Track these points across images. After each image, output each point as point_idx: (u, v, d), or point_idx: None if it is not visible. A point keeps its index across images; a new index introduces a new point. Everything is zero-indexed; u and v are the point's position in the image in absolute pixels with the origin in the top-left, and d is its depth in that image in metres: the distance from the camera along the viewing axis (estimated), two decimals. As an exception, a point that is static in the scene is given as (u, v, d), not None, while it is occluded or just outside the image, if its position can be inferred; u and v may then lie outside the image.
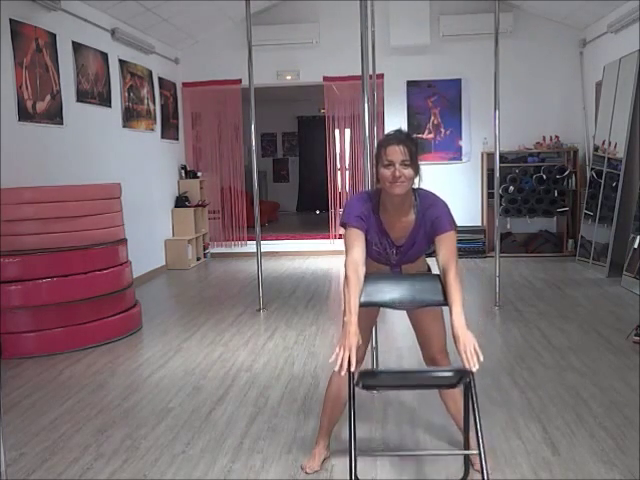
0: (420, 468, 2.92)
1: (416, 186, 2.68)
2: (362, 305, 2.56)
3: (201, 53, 9.34)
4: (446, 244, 2.58)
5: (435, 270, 2.74)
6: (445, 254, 2.56)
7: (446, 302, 2.54)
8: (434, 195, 2.71)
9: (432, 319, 2.82)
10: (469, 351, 2.40)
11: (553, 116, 8.95)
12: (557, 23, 8.82)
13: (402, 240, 2.68)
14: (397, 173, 2.52)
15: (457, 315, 2.46)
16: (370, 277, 2.63)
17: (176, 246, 8.62)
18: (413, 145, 2.59)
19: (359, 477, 2.77)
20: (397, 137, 2.59)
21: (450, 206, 2.67)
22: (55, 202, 4.91)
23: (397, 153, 2.54)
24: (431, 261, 2.82)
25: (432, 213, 2.61)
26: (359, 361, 2.89)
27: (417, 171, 2.59)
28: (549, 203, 8.69)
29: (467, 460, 2.76)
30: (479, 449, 2.31)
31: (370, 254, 2.69)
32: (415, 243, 2.68)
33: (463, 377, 2.40)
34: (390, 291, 2.63)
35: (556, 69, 8.91)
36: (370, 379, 2.47)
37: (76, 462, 3.07)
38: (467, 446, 2.68)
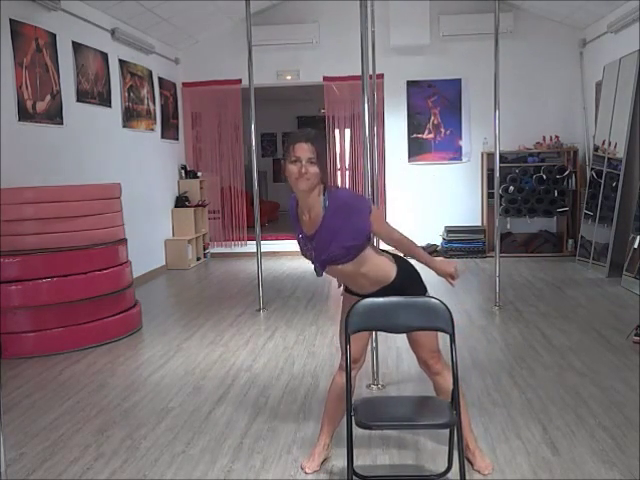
0: (420, 465, 2.92)
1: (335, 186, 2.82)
2: (357, 331, 2.65)
3: (201, 53, 9.35)
4: (376, 222, 2.70)
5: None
6: (380, 230, 2.75)
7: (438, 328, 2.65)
8: (346, 191, 2.88)
9: None
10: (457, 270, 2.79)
11: (553, 116, 8.95)
12: (557, 23, 8.82)
13: (312, 231, 2.72)
14: (303, 170, 2.59)
15: (425, 256, 2.77)
16: (364, 302, 2.65)
17: (176, 246, 8.62)
18: (320, 145, 2.66)
19: (359, 474, 2.78)
20: (305, 135, 2.65)
21: (450, 206, 2.70)
22: (55, 202, 4.92)
23: (304, 150, 2.60)
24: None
25: (340, 209, 2.65)
26: (358, 362, 2.90)
27: (323, 169, 2.64)
28: (549, 203, 8.69)
29: (451, 455, 2.79)
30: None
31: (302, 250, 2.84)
32: (327, 236, 2.66)
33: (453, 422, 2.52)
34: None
35: (556, 69, 8.91)
36: (365, 423, 2.49)
37: (76, 462, 3.07)
38: (450, 442, 2.75)
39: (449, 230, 8.96)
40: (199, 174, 9.41)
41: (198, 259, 9.15)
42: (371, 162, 4.09)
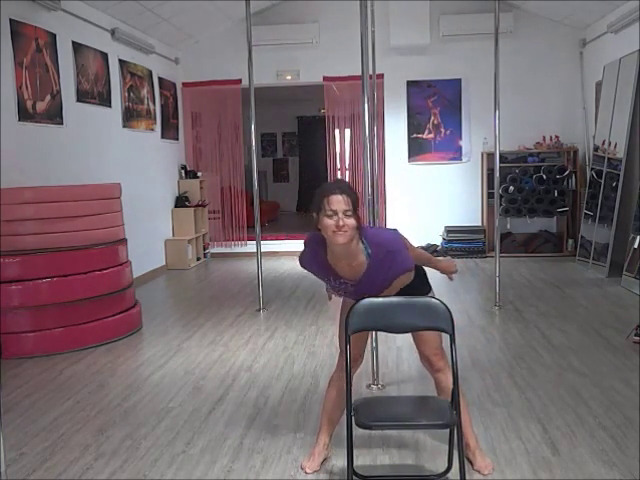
0: (420, 465, 2.92)
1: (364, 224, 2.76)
2: (357, 331, 2.65)
3: (201, 53, 9.34)
4: (411, 253, 2.77)
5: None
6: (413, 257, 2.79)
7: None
8: (381, 232, 2.85)
9: None
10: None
11: (553, 116, 8.95)
12: (557, 23, 8.82)
13: (357, 278, 2.69)
14: (341, 222, 2.53)
15: (435, 261, 3.11)
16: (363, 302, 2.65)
17: (176, 246, 8.62)
18: (354, 195, 2.60)
19: (359, 474, 2.78)
20: (340, 187, 2.60)
21: (450, 206, 2.72)
22: (55, 202, 4.91)
23: (340, 203, 2.54)
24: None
25: (385, 259, 2.63)
26: (357, 361, 2.91)
27: (358, 220, 2.59)
28: (549, 203, 8.69)
29: (451, 455, 2.79)
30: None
31: (332, 289, 2.82)
32: (373, 281, 2.67)
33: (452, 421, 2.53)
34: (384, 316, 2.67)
35: (556, 69, 8.91)
36: (365, 423, 2.48)
37: (76, 462, 3.07)
38: (450, 441, 2.76)
39: (449, 230, 8.96)
40: (199, 174, 9.41)
41: (198, 259, 9.15)
42: (371, 162, 4.09)
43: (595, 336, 4.86)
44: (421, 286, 2.92)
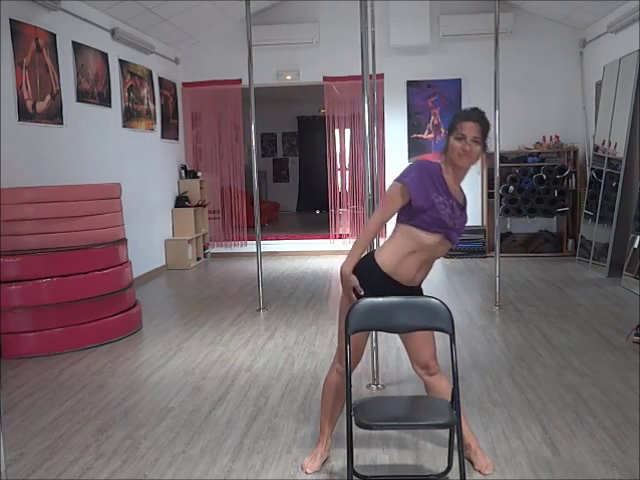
0: (420, 465, 2.92)
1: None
2: (357, 331, 2.64)
3: (201, 53, 9.34)
4: None
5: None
6: None
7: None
8: None
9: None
10: None
11: (553, 116, 8.95)
12: (557, 23, 8.82)
13: (462, 202, 2.84)
14: (467, 147, 2.68)
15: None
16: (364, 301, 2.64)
17: (176, 246, 8.62)
18: (487, 125, 2.76)
19: (359, 474, 2.78)
20: (474, 115, 2.74)
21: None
22: (55, 202, 4.92)
23: (471, 129, 2.70)
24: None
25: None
26: (356, 362, 2.90)
27: (484, 150, 2.77)
28: (549, 203, 8.69)
29: (451, 455, 2.79)
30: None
31: (436, 216, 2.70)
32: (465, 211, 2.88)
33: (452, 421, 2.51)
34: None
35: (556, 69, 8.91)
36: (365, 423, 2.48)
37: (76, 462, 3.07)
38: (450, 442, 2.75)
39: (449, 230, 8.94)
40: (199, 174, 9.41)
41: (198, 259, 9.15)
42: (371, 162, 4.09)
43: (595, 336, 4.86)
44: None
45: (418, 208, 2.68)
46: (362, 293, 2.71)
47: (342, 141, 9.84)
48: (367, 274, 2.74)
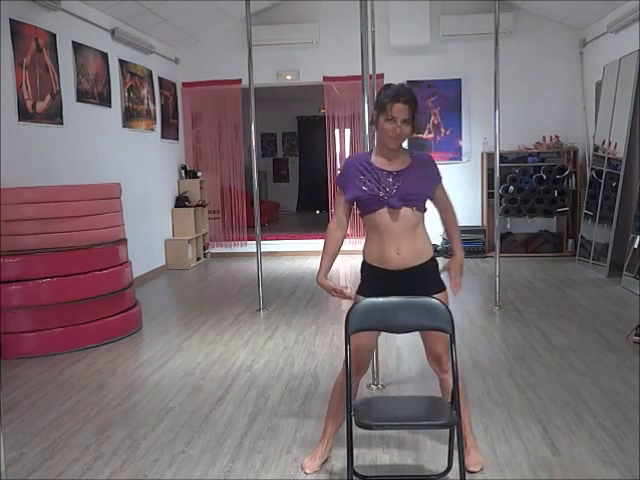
0: (420, 465, 2.92)
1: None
2: (357, 331, 2.64)
3: (201, 53, 9.34)
4: (441, 190, 2.93)
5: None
6: (441, 198, 2.93)
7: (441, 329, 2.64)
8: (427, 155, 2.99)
9: None
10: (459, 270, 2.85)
11: (553, 116, 8.95)
12: (557, 23, 8.82)
13: (399, 168, 2.80)
14: (398, 130, 2.71)
15: (456, 242, 2.94)
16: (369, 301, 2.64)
17: (176, 246, 8.62)
18: (416, 105, 2.77)
19: (359, 474, 2.78)
20: (404, 96, 2.73)
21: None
22: (55, 202, 4.92)
23: (401, 111, 2.70)
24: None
25: (425, 164, 2.90)
26: (361, 371, 2.90)
27: (413, 130, 2.78)
28: (549, 203, 8.69)
29: (451, 455, 2.78)
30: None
31: (369, 194, 2.77)
32: (416, 176, 2.80)
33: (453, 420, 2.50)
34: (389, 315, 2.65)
35: (556, 69, 8.91)
36: (365, 423, 2.48)
37: (76, 462, 3.07)
38: (450, 442, 2.75)
39: (449, 230, 8.94)
40: (199, 174, 9.41)
41: (198, 259, 9.15)
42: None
43: (595, 336, 4.86)
44: (435, 276, 2.82)
45: (355, 199, 2.81)
46: (348, 291, 2.83)
47: (342, 141, 9.84)
48: (361, 272, 2.90)
